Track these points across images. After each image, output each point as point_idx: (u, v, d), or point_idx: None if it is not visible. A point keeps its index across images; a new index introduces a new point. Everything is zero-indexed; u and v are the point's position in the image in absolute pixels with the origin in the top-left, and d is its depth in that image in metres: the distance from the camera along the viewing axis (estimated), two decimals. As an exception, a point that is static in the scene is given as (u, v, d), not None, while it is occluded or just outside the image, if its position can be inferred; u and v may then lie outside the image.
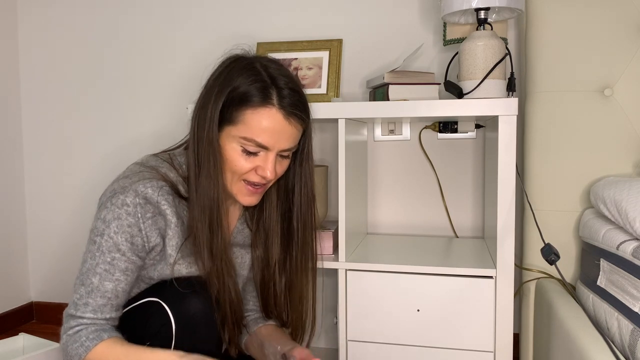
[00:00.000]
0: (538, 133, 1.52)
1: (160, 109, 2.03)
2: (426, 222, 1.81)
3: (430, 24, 1.79)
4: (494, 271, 1.32)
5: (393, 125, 1.80)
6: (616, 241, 1.19)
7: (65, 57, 2.11)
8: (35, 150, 2.16)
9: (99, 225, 1.01)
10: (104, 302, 1.01)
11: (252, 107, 1.02)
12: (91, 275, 1.01)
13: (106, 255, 1.01)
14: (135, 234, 1.01)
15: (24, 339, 1.72)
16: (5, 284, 2.09)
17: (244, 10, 1.93)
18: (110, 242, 1.00)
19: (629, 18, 1.46)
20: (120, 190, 1.01)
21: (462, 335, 1.34)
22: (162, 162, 1.10)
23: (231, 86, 1.04)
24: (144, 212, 1.01)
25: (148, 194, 1.02)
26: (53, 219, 2.16)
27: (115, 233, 1.00)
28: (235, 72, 1.05)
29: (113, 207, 1.01)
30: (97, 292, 1.01)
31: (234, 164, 1.05)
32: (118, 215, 1.00)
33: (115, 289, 1.02)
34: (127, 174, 1.06)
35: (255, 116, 1.02)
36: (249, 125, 1.03)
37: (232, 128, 1.04)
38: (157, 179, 1.04)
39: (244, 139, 1.03)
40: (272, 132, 1.03)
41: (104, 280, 1.01)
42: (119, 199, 1.00)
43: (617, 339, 1.13)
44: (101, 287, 1.01)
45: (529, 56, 1.54)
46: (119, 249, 1.01)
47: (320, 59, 1.77)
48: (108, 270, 1.01)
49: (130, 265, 1.03)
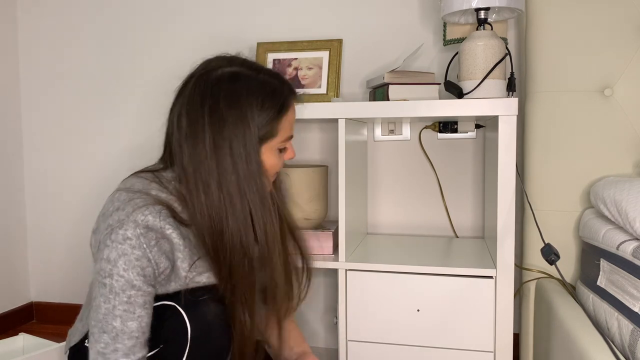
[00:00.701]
0: (538, 133, 1.52)
1: (161, 111, 2.03)
2: (426, 222, 1.81)
3: (430, 24, 1.79)
4: (494, 271, 1.32)
5: (393, 125, 1.80)
6: (616, 241, 1.19)
7: (66, 59, 2.11)
8: (36, 150, 2.16)
9: (105, 266, 0.96)
10: (133, 342, 0.97)
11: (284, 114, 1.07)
12: (111, 320, 0.96)
13: (121, 296, 0.96)
14: (145, 265, 0.97)
15: (24, 339, 1.72)
16: (5, 284, 2.09)
17: (244, 10, 1.93)
18: (122, 281, 0.96)
19: (629, 18, 1.46)
20: (118, 224, 0.96)
21: (462, 335, 1.34)
22: (149, 182, 1.05)
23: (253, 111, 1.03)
24: (148, 241, 0.96)
25: (149, 221, 0.97)
26: (53, 219, 2.16)
27: (125, 270, 0.95)
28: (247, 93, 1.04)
29: (115, 244, 0.95)
30: (123, 335, 0.96)
31: (274, 167, 1.09)
32: (123, 252, 0.95)
33: (140, 326, 0.98)
34: (117, 206, 1.00)
35: (287, 117, 1.08)
36: (285, 128, 1.08)
37: (274, 140, 1.07)
38: (152, 204, 0.99)
39: (284, 141, 1.08)
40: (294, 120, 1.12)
41: (127, 321, 0.96)
42: (119, 235, 0.95)
43: (617, 339, 1.13)
44: (125, 328, 0.96)
45: (529, 56, 1.54)
46: (133, 285, 0.96)
47: (320, 59, 1.77)
48: (127, 309, 0.96)
49: (147, 298, 0.99)
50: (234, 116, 1.01)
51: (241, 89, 1.03)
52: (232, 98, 1.02)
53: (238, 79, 1.04)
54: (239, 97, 1.02)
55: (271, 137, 1.06)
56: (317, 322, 1.87)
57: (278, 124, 1.06)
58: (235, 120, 1.01)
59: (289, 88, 1.10)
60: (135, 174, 1.10)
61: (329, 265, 1.42)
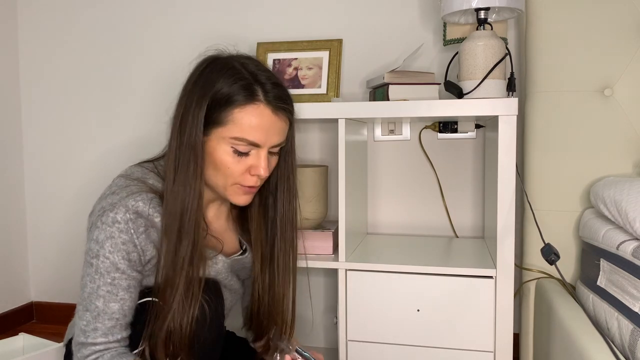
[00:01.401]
0: (538, 133, 1.52)
1: (160, 111, 2.03)
2: (426, 222, 1.81)
3: (430, 24, 1.79)
4: (494, 271, 1.32)
5: (393, 125, 1.80)
6: (616, 241, 1.19)
7: (65, 59, 2.11)
8: (36, 150, 2.16)
9: (93, 246, 0.99)
10: (113, 323, 0.99)
11: (239, 106, 1.01)
12: (94, 299, 0.99)
13: (106, 277, 0.98)
14: (131, 250, 0.99)
15: (24, 339, 1.72)
16: (5, 284, 2.09)
17: (244, 10, 1.93)
18: (107, 263, 0.98)
19: (629, 18, 1.46)
20: (110, 207, 0.99)
21: (462, 335, 1.34)
22: (148, 172, 1.08)
23: (214, 88, 1.01)
24: (136, 227, 0.99)
25: (139, 207, 0.99)
26: (53, 219, 2.16)
27: (111, 253, 0.98)
28: (215, 73, 1.03)
29: (104, 226, 0.98)
30: (104, 315, 0.98)
31: (227, 167, 1.03)
32: (110, 234, 0.97)
33: (121, 309, 1.00)
34: (113, 190, 1.03)
35: (245, 114, 1.01)
36: (239, 124, 1.01)
37: (222, 129, 1.02)
38: (145, 192, 1.01)
39: (235, 139, 1.01)
40: (263, 128, 1.02)
41: (109, 302, 0.99)
42: (109, 217, 0.98)
43: (617, 339, 1.13)
44: (107, 309, 0.99)
45: (529, 56, 1.54)
46: (118, 267, 0.99)
47: (320, 59, 1.77)
48: (110, 291, 0.99)
49: (132, 282, 1.01)
50: (194, 90, 1.03)
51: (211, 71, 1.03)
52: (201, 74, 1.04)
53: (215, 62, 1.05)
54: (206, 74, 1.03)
55: (218, 124, 1.01)
56: (317, 322, 1.87)
57: (227, 114, 1.01)
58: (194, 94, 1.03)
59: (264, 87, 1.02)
60: (138, 163, 1.12)
61: (329, 265, 1.42)
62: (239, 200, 1.08)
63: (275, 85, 1.04)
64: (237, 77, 1.02)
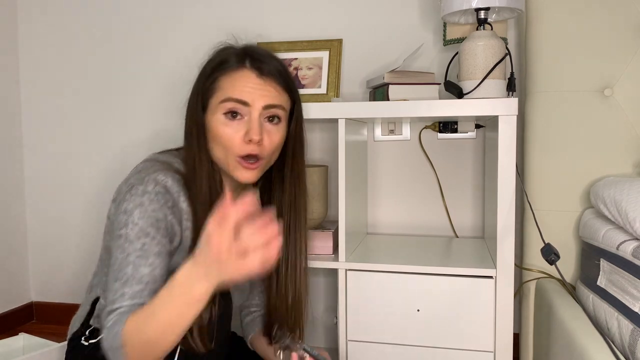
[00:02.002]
0: (538, 133, 1.52)
1: (159, 109, 2.03)
2: (426, 222, 1.81)
3: (430, 24, 1.78)
4: (494, 271, 1.32)
5: (393, 125, 1.80)
6: (616, 241, 1.19)
7: (65, 58, 2.11)
8: (36, 150, 2.16)
9: (121, 218, 0.98)
10: (141, 287, 0.95)
11: (226, 73, 1.05)
12: (124, 267, 0.95)
13: (135, 243, 0.96)
14: (161, 218, 0.98)
15: (24, 339, 1.72)
16: (5, 284, 2.09)
17: (243, 10, 1.93)
18: (136, 229, 0.96)
19: (629, 18, 1.46)
20: (138, 181, 0.99)
21: (462, 335, 1.34)
22: (173, 157, 1.10)
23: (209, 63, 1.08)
24: (165, 200, 0.99)
25: (168, 183, 1.01)
26: (53, 219, 2.16)
27: (140, 219, 0.96)
28: (214, 53, 1.10)
29: (133, 197, 0.98)
30: (132, 280, 0.94)
31: (221, 135, 1.04)
32: (140, 203, 0.97)
33: (152, 273, 0.96)
34: (140, 169, 1.04)
35: (230, 79, 1.04)
36: (225, 88, 1.04)
37: (213, 99, 1.05)
38: (173, 172, 1.03)
39: (223, 101, 1.03)
40: (248, 88, 1.04)
41: (138, 267, 0.95)
42: (138, 189, 0.98)
43: (617, 339, 1.13)
44: (136, 274, 0.95)
45: (529, 56, 1.54)
46: (147, 233, 0.97)
47: (320, 59, 1.77)
48: (141, 256, 0.96)
49: (162, 249, 0.98)
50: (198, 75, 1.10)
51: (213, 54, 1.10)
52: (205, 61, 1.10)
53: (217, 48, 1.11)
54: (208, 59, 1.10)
55: (210, 93, 1.06)
56: (317, 322, 1.87)
57: (216, 83, 1.05)
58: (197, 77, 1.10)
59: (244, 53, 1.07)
60: (161, 151, 1.15)
61: (329, 265, 1.42)
62: (243, 176, 1.06)
63: (269, 57, 1.08)
64: (229, 49, 1.08)
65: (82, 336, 1.12)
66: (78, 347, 1.12)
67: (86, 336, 1.12)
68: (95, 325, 1.13)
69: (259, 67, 1.05)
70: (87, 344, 1.11)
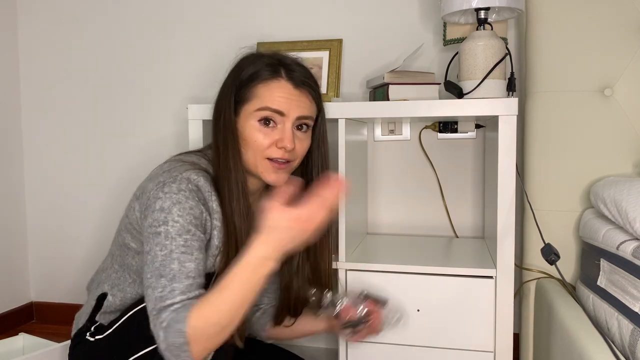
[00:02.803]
0: (538, 133, 1.52)
1: (159, 110, 2.03)
2: (426, 222, 1.81)
3: (430, 24, 1.78)
4: (494, 271, 1.32)
5: (393, 125, 1.80)
6: (616, 241, 1.19)
7: (65, 59, 2.11)
8: (36, 150, 2.16)
9: (159, 215, 0.99)
10: (190, 282, 0.96)
11: (262, 82, 1.09)
12: (169, 263, 0.96)
13: (178, 240, 0.98)
14: (197, 215, 1.01)
15: (24, 339, 1.72)
16: (5, 284, 2.09)
17: (244, 10, 1.93)
18: (177, 226, 0.98)
19: (629, 18, 1.45)
20: (171, 179, 1.01)
21: (462, 335, 1.34)
22: (200, 158, 1.12)
23: (242, 71, 1.11)
24: (198, 198, 1.02)
25: (200, 182, 1.03)
26: (53, 219, 2.16)
27: (180, 216, 0.98)
28: (245, 61, 1.13)
29: (169, 195, 0.99)
30: (180, 275, 0.96)
31: (254, 140, 1.08)
32: (177, 200, 0.99)
33: (197, 268, 0.98)
34: (169, 169, 1.05)
35: (267, 88, 1.08)
36: (262, 97, 1.08)
37: (248, 106, 1.09)
38: (203, 171, 1.06)
39: (259, 110, 1.08)
40: (285, 98, 1.09)
41: (185, 262, 0.97)
42: (172, 187, 1.00)
43: (617, 339, 1.13)
44: (183, 269, 0.96)
45: (529, 56, 1.54)
46: (189, 230, 0.99)
47: (320, 59, 1.77)
48: (185, 251, 0.98)
49: (202, 244, 1.02)
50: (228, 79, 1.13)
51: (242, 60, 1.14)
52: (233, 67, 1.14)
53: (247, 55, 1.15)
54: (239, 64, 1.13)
55: (246, 100, 1.09)
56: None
57: (252, 91, 1.09)
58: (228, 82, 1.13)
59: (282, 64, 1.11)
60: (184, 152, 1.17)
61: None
62: (271, 178, 1.10)
63: (300, 67, 1.13)
64: (262, 59, 1.12)
65: (87, 332, 1.12)
66: (83, 343, 1.12)
67: (91, 332, 1.12)
68: (101, 322, 1.13)
69: (293, 77, 1.10)
70: (93, 340, 1.11)
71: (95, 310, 1.13)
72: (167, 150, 1.88)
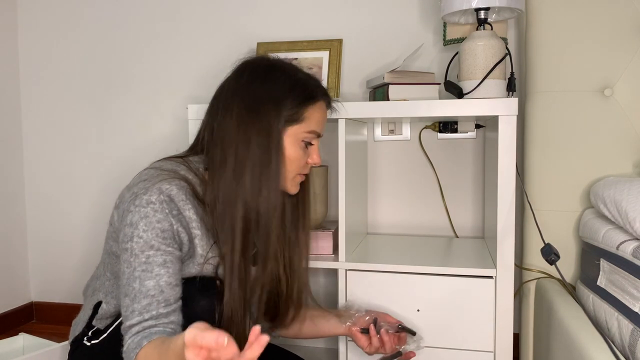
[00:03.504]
0: (538, 133, 1.52)
1: (159, 110, 2.03)
2: (426, 222, 1.81)
3: (430, 24, 1.78)
4: (494, 271, 1.32)
5: (393, 125, 1.80)
6: (616, 241, 1.19)
7: (65, 58, 2.11)
8: (36, 150, 2.16)
9: (127, 230, 0.98)
10: (148, 301, 0.96)
11: (312, 104, 1.12)
12: (132, 282, 0.97)
13: (140, 257, 0.97)
14: (166, 228, 0.99)
15: (24, 339, 1.72)
16: (5, 284, 2.09)
17: (244, 10, 1.93)
18: (140, 242, 0.97)
19: (629, 18, 1.46)
20: (143, 191, 0.99)
21: (462, 335, 1.34)
22: (179, 165, 1.09)
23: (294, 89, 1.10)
24: (170, 209, 0.99)
25: (173, 192, 1.00)
26: (53, 219, 2.16)
27: (145, 231, 0.97)
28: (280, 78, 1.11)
29: (138, 209, 0.98)
30: (140, 295, 0.96)
31: (298, 159, 1.12)
32: (145, 214, 0.97)
33: (157, 285, 0.97)
34: (145, 178, 1.04)
35: (315, 110, 1.12)
36: (312, 119, 1.12)
37: (298, 126, 1.10)
38: (178, 179, 1.03)
39: (309, 132, 1.12)
40: (324, 121, 1.16)
41: (144, 281, 0.96)
42: (142, 199, 0.98)
43: (617, 339, 1.13)
44: (142, 288, 0.96)
45: (529, 56, 1.54)
46: (152, 245, 0.97)
47: (320, 59, 1.77)
48: (146, 269, 0.97)
49: (168, 257, 0.99)
50: (266, 93, 1.09)
51: (276, 73, 1.12)
52: (267, 78, 1.11)
53: (274, 66, 1.13)
54: (274, 79, 1.10)
55: (296, 121, 1.10)
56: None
57: (304, 111, 1.10)
58: (266, 97, 1.08)
59: (321, 87, 1.16)
60: (165, 158, 1.14)
61: (329, 265, 1.42)
62: (295, 189, 1.16)
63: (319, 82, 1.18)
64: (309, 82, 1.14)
65: (85, 337, 1.13)
66: (81, 348, 1.13)
67: (89, 337, 1.13)
68: (98, 326, 1.13)
69: (327, 95, 1.17)
70: (90, 344, 1.12)
71: (92, 317, 1.14)
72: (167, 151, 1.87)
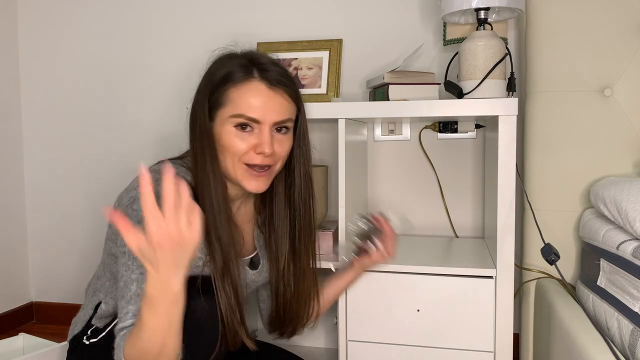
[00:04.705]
0: (538, 133, 1.52)
1: (159, 109, 2.03)
2: (426, 222, 1.81)
3: (430, 24, 1.78)
4: (494, 271, 1.32)
5: (393, 125, 1.80)
6: (616, 241, 1.19)
7: (65, 59, 2.11)
8: (36, 150, 2.16)
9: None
10: None
11: (235, 85, 1.04)
12: (129, 285, 0.96)
13: (137, 260, 0.96)
14: None
15: (24, 339, 1.72)
16: (5, 284, 2.09)
17: (244, 10, 1.93)
18: None
19: (629, 18, 1.46)
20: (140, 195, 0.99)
21: (462, 335, 1.34)
22: (178, 167, 1.09)
23: (214, 74, 1.06)
24: None
25: None
26: (53, 219, 2.16)
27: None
28: (217, 63, 1.09)
29: (135, 212, 0.97)
30: (136, 297, 0.95)
31: (231, 146, 1.04)
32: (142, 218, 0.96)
33: None
34: None
35: (240, 92, 1.03)
36: (236, 102, 1.03)
37: (222, 111, 1.04)
38: None
39: (234, 116, 1.03)
40: (260, 103, 1.03)
41: (142, 283, 0.95)
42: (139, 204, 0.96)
43: (617, 339, 1.13)
44: (139, 291, 0.95)
45: (529, 56, 1.54)
46: None
47: (320, 59, 1.77)
48: (143, 272, 0.95)
49: None
50: (200, 83, 1.09)
51: (216, 61, 1.09)
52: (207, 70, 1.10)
53: (221, 56, 1.10)
54: (210, 67, 1.09)
55: (221, 105, 1.05)
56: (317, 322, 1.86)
57: (225, 95, 1.04)
58: (200, 85, 1.09)
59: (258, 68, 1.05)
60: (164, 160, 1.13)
61: (329, 265, 1.42)
62: (251, 186, 1.07)
63: (274, 65, 1.07)
64: (234, 59, 1.07)
65: (84, 335, 1.13)
66: (80, 347, 1.13)
67: (88, 335, 1.13)
68: (97, 325, 1.13)
69: (267, 77, 1.04)
70: (89, 343, 1.12)
71: (92, 317, 1.14)
72: (167, 151, 1.88)
